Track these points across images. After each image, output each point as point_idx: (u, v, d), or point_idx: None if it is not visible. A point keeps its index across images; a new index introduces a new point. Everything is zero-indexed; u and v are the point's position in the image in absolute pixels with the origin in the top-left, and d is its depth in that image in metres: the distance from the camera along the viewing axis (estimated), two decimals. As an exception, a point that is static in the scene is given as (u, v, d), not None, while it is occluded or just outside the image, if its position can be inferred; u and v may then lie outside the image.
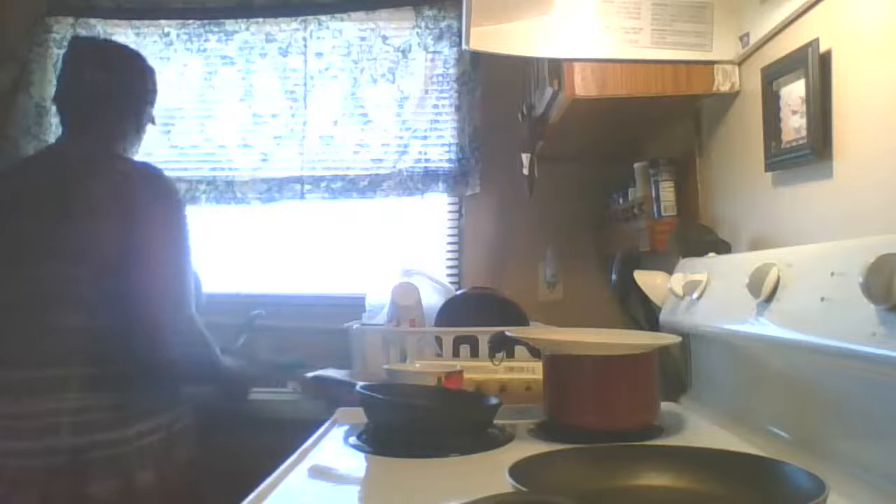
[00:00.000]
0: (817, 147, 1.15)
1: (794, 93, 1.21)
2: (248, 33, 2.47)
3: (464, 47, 1.55)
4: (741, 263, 1.16)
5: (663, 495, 0.86)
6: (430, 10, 2.43)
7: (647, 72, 1.47)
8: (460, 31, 2.22)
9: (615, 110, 1.65)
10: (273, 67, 2.47)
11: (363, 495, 1.04)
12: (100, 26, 2.47)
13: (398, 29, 2.45)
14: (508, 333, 1.38)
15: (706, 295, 1.29)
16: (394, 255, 2.36)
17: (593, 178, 2.32)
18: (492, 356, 1.41)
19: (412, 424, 1.16)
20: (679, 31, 1.45)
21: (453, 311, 1.96)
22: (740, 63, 1.46)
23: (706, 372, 1.42)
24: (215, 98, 2.47)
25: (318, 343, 2.11)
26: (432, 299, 2.05)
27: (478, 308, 1.96)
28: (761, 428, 1.13)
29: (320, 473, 1.07)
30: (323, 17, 2.46)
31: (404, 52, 2.44)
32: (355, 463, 1.12)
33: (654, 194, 1.76)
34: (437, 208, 2.53)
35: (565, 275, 2.40)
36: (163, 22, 2.48)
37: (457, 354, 1.75)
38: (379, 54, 2.45)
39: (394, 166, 2.43)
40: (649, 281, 1.60)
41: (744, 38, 1.42)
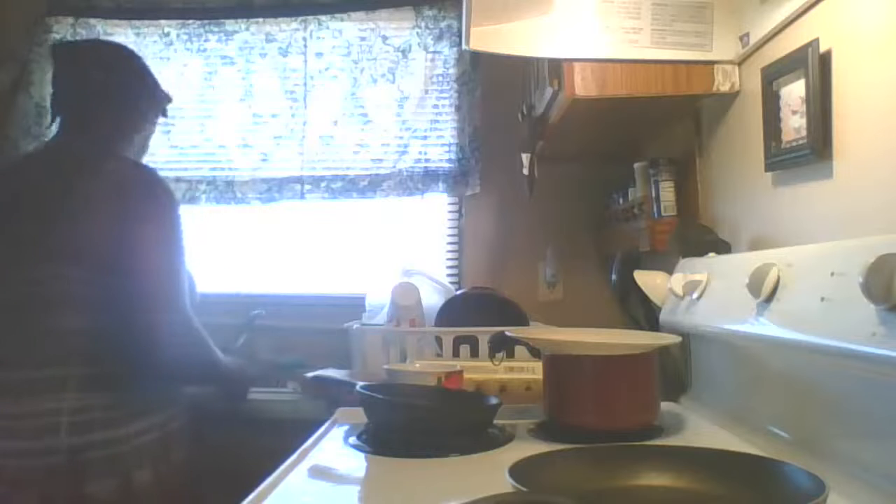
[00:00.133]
0: (817, 147, 1.15)
1: (794, 93, 1.21)
2: (248, 33, 2.48)
3: (464, 47, 1.55)
4: (741, 263, 1.16)
5: (663, 495, 0.86)
6: (430, 10, 2.43)
7: (647, 72, 1.47)
8: (460, 31, 2.22)
9: (615, 110, 1.65)
10: (273, 67, 2.47)
11: (363, 495, 1.04)
12: (100, 26, 2.48)
13: (398, 29, 2.46)
14: (508, 333, 1.38)
15: (706, 295, 1.29)
16: (394, 255, 2.36)
17: (593, 178, 2.32)
18: (492, 356, 1.41)
19: (412, 424, 1.16)
20: (679, 31, 1.45)
21: (453, 311, 1.96)
22: (740, 63, 1.46)
23: (706, 372, 1.42)
24: (215, 98, 2.48)
25: (318, 343, 2.11)
26: (432, 299, 2.05)
27: (478, 308, 1.96)
28: (761, 428, 1.13)
29: (320, 473, 1.07)
30: (323, 17, 2.46)
31: (404, 52, 2.44)
32: (355, 463, 1.12)
33: (654, 194, 1.76)
34: (437, 208, 2.53)
35: (565, 275, 2.40)
36: (163, 22, 2.48)
37: (457, 354, 1.74)
38: (379, 54, 2.45)
39: (394, 166, 2.43)
40: (649, 281, 1.60)
41: (744, 38, 1.42)
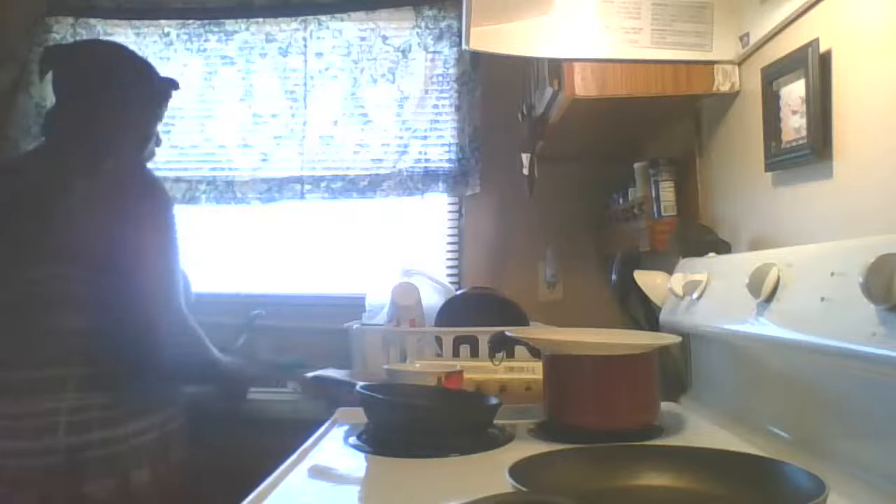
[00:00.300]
0: (817, 147, 1.15)
1: (794, 93, 1.21)
2: (248, 33, 2.47)
3: (464, 47, 1.55)
4: (741, 263, 1.16)
5: (663, 495, 0.86)
6: (430, 10, 2.43)
7: (647, 72, 1.47)
8: (460, 31, 2.22)
9: (615, 110, 1.65)
10: (273, 67, 2.47)
11: (363, 495, 1.04)
12: (100, 26, 2.48)
13: (398, 29, 2.46)
14: (508, 333, 1.38)
15: (706, 295, 1.29)
16: (394, 255, 2.36)
17: (593, 178, 2.32)
18: (492, 356, 1.41)
19: (412, 424, 1.16)
20: (679, 31, 1.45)
21: (453, 311, 1.96)
22: (740, 63, 1.46)
23: (706, 372, 1.42)
24: (215, 98, 2.47)
25: (318, 343, 2.11)
26: (432, 299, 2.05)
27: (478, 308, 1.96)
28: (761, 428, 1.13)
29: (320, 473, 1.07)
30: (323, 17, 2.46)
31: (404, 52, 2.44)
32: (355, 463, 1.12)
33: (654, 194, 1.76)
34: (437, 208, 2.53)
35: (565, 275, 2.40)
36: (163, 22, 2.48)
37: (457, 354, 1.74)
38: (379, 54, 2.45)
39: (394, 166, 2.43)
40: (649, 281, 1.60)
41: (744, 38, 1.42)
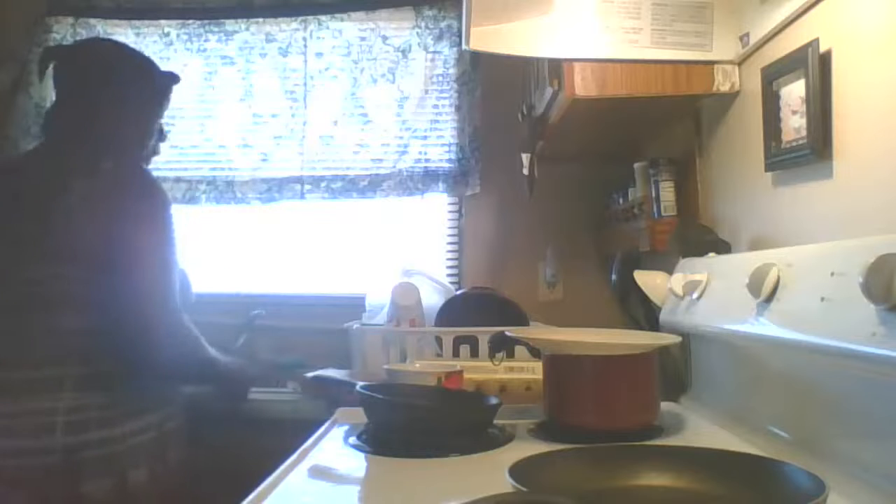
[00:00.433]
0: (817, 147, 1.15)
1: (794, 93, 1.21)
2: (248, 33, 2.47)
3: (464, 47, 1.55)
4: (741, 263, 1.16)
5: (663, 495, 0.86)
6: (430, 10, 2.43)
7: (647, 72, 1.47)
8: (460, 31, 2.22)
9: (615, 110, 1.64)
10: (273, 67, 2.47)
11: (363, 495, 1.04)
12: (100, 26, 2.48)
13: (398, 29, 2.46)
14: (508, 333, 1.38)
15: (706, 295, 1.29)
16: (394, 255, 2.36)
17: (593, 178, 2.32)
18: (492, 356, 1.41)
19: (412, 424, 1.16)
20: (679, 31, 1.45)
21: (453, 311, 1.96)
22: (740, 63, 1.46)
23: (706, 372, 1.42)
24: (215, 98, 2.47)
25: (318, 343, 2.11)
26: (432, 299, 2.05)
27: (478, 308, 1.96)
28: (761, 428, 1.13)
29: (320, 473, 1.07)
30: (323, 17, 2.46)
31: (404, 52, 2.44)
32: (355, 463, 1.12)
33: (654, 194, 1.76)
34: (437, 208, 2.53)
35: (565, 275, 2.40)
36: (163, 22, 2.48)
37: (457, 354, 1.74)
38: (379, 54, 2.45)
39: (394, 166, 2.43)
40: (649, 281, 1.60)
41: (744, 38, 1.42)
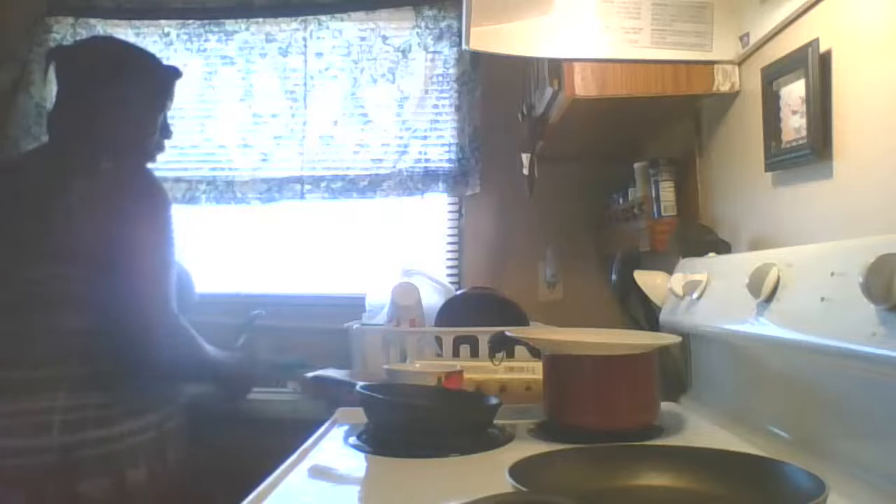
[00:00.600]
0: (817, 147, 1.15)
1: (794, 93, 1.21)
2: (248, 33, 2.48)
3: (464, 47, 1.55)
4: (741, 263, 1.16)
5: (663, 495, 0.86)
6: (430, 10, 2.43)
7: (647, 72, 1.47)
8: (460, 31, 2.22)
9: (615, 110, 1.64)
10: (273, 67, 2.47)
11: (363, 495, 1.04)
12: (100, 26, 2.48)
13: (398, 29, 2.46)
14: (508, 333, 1.38)
15: (706, 295, 1.29)
16: (394, 255, 2.36)
17: (593, 178, 2.32)
18: (492, 356, 1.41)
19: (412, 424, 1.16)
20: (679, 31, 1.45)
21: (453, 311, 1.96)
22: (740, 63, 1.46)
23: (706, 372, 1.42)
24: (215, 98, 2.48)
25: (318, 343, 2.11)
26: (432, 299, 2.05)
27: (478, 308, 1.96)
28: (761, 428, 1.13)
29: (320, 473, 1.07)
30: (323, 17, 2.46)
31: (404, 52, 2.44)
32: (355, 463, 1.12)
33: (654, 194, 1.76)
34: (437, 208, 2.53)
35: (565, 275, 2.40)
36: (163, 22, 2.48)
37: (457, 354, 1.74)
38: (379, 54, 2.45)
39: (394, 166, 2.43)
40: (649, 281, 1.60)
41: (744, 38, 1.42)
